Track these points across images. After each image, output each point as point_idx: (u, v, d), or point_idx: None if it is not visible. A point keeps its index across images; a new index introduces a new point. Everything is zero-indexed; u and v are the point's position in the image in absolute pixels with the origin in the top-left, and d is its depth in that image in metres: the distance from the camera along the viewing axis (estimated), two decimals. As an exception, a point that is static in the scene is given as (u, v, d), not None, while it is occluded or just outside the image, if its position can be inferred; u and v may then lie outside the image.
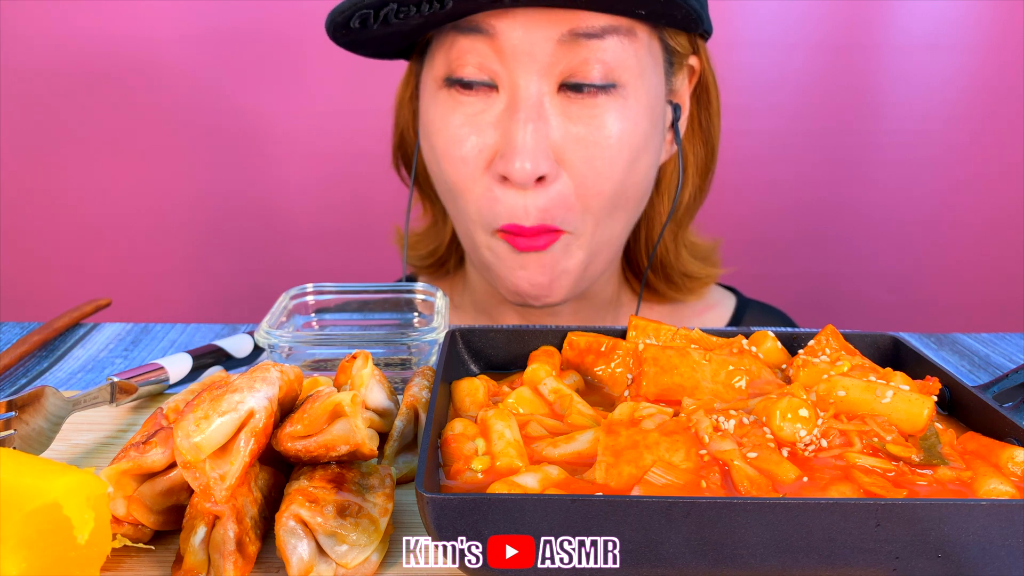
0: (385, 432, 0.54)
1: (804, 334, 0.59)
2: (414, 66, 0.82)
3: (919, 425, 0.46)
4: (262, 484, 0.45)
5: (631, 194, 0.76)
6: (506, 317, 0.89)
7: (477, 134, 0.72)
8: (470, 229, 0.77)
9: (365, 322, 0.73)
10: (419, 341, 0.62)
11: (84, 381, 0.68)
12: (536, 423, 0.48)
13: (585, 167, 0.72)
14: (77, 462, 0.54)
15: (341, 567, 0.42)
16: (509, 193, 0.72)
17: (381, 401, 0.54)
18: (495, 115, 0.72)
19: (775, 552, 0.38)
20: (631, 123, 0.72)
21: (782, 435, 0.44)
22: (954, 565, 0.38)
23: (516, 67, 0.70)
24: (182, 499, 0.44)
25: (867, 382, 0.48)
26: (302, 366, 0.65)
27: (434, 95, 0.75)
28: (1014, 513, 0.38)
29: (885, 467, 0.43)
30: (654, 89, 0.75)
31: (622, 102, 0.72)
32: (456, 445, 0.46)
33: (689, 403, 0.48)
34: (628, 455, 0.42)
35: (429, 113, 0.76)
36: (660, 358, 0.51)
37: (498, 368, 0.59)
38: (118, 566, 0.43)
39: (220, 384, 0.43)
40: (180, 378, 0.63)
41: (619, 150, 0.72)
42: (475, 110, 0.72)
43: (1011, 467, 0.44)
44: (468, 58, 0.71)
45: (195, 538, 0.41)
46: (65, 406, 0.54)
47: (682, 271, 0.88)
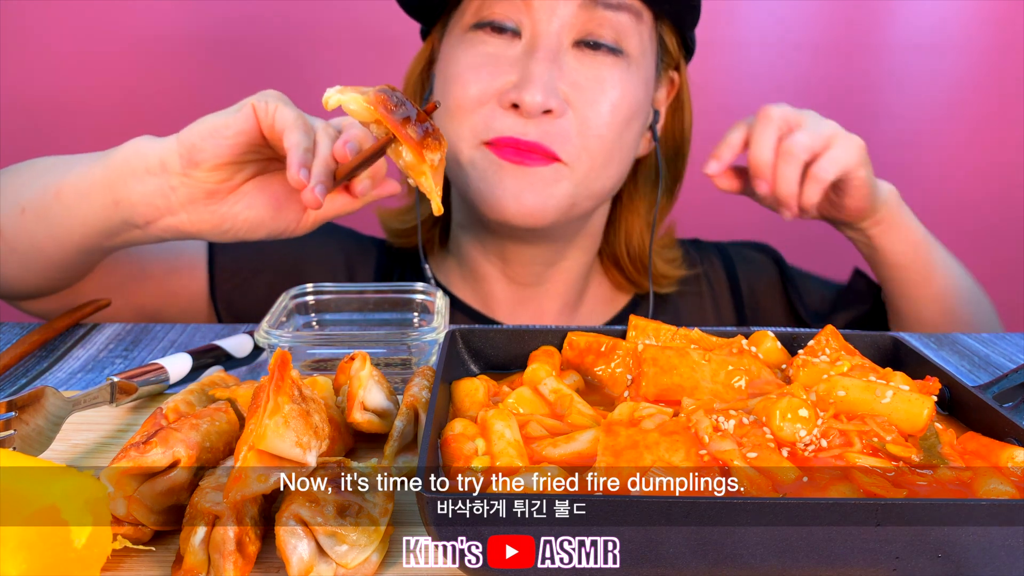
0: (385, 432, 0.54)
1: (804, 334, 0.59)
2: (434, 37, 0.88)
3: (919, 425, 0.46)
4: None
5: (623, 154, 0.83)
6: (493, 283, 0.91)
7: (494, 67, 0.79)
8: (456, 147, 0.81)
9: (365, 322, 0.73)
10: (419, 341, 0.62)
11: (84, 381, 0.68)
12: (536, 423, 0.48)
13: (590, 110, 0.79)
14: (77, 462, 0.54)
15: (341, 567, 0.42)
16: (513, 117, 0.78)
17: (380, 402, 0.54)
18: (515, 56, 0.79)
19: (775, 552, 0.38)
20: (631, 87, 0.81)
21: (782, 435, 0.44)
22: (954, 565, 0.38)
23: (540, 19, 0.78)
24: (182, 499, 0.44)
25: (867, 382, 0.48)
26: (302, 366, 0.65)
27: (460, 38, 0.82)
28: (1014, 513, 0.38)
29: (885, 467, 0.43)
30: (649, 73, 0.84)
31: (625, 67, 0.80)
32: (456, 445, 0.46)
33: (689, 403, 0.48)
34: (628, 455, 0.42)
35: (452, 52, 0.82)
36: (660, 358, 0.51)
37: (498, 368, 0.59)
38: (118, 566, 0.43)
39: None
40: (180, 378, 0.63)
41: (619, 104, 0.80)
42: (497, 50, 0.80)
43: (1011, 467, 0.44)
44: (498, 7, 0.79)
45: (195, 538, 0.41)
46: (65, 406, 0.54)
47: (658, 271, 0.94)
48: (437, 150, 0.60)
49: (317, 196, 0.61)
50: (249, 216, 0.69)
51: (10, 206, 0.73)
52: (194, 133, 0.64)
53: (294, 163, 0.61)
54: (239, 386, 0.55)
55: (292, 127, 0.62)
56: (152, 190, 0.66)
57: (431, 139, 0.60)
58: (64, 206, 0.70)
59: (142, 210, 0.67)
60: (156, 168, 0.65)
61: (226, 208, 0.68)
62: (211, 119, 0.64)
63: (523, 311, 0.92)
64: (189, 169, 0.65)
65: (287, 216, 0.70)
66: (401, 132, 0.59)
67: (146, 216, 0.68)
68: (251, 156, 0.66)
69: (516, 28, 0.79)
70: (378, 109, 0.58)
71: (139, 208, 0.67)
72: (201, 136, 0.64)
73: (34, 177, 0.73)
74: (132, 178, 0.66)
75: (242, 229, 0.70)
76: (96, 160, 0.69)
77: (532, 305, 0.92)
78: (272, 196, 0.69)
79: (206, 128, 0.64)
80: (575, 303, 0.94)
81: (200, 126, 0.64)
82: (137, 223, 0.69)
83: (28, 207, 0.72)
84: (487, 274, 0.91)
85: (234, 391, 0.53)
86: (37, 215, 0.71)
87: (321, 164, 0.63)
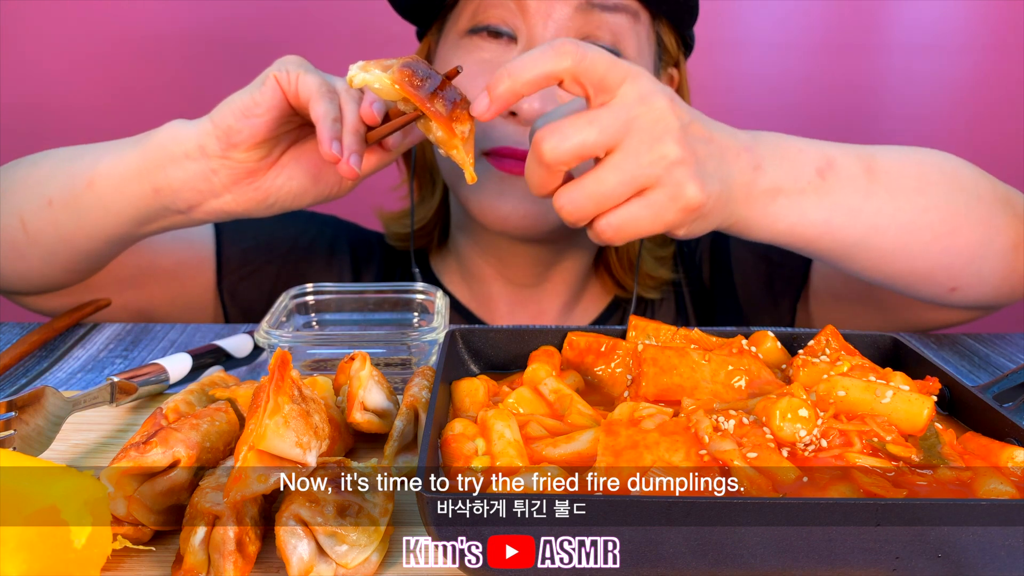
0: (385, 432, 0.54)
1: (804, 334, 0.59)
2: (430, 39, 0.87)
3: (919, 425, 0.46)
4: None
5: None
6: (491, 283, 0.91)
7: (492, 73, 0.76)
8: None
9: (365, 322, 0.73)
10: (419, 341, 0.62)
11: (84, 381, 0.68)
12: (536, 423, 0.48)
13: None
14: (77, 462, 0.54)
15: (341, 567, 0.42)
16: (511, 125, 0.76)
17: (380, 402, 0.54)
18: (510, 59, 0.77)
19: (775, 552, 0.38)
20: None
21: (782, 435, 0.44)
22: (954, 565, 0.38)
23: (535, 24, 0.76)
24: (182, 499, 0.44)
25: (867, 382, 0.48)
26: (302, 366, 0.65)
27: (456, 44, 0.81)
28: (1014, 513, 0.38)
29: (885, 467, 0.43)
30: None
31: None
32: (456, 445, 0.46)
33: (689, 403, 0.48)
34: (628, 455, 0.42)
35: (448, 58, 0.81)
36: (660, 358, 0.51)
37: (498, 368, 0.59)
38: (118, 566, 0.43)
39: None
40: (180, 378, 0.63)
41: None
42: (493, 55, 0.78)
43: (1011, 467, 0.44)
44: (493, 12, 0.78)
45: (195, 538, 0.41)
46: (65, 406, 0.54)
47: (644, 271, 0.92)
48: (467, 121, 0.60)
49: (353, 167, 0.61)
50: (292, 187, 0.69)
51: (35, 198, 0.73)
52: (227, 114, 0.64)
53: (325, 138, 0.61)
54: (239, 386, 0.55)
55: (316, 96, 0.62)
56: (193, 175, 0.66)
57: (459, 110, 0.60)
58: (97, 195, 0.69)
59: (185, 195, 0.68)
60: (195, 153, 0.66)
61: (268, 183, 0.68)
62: (239, 98, 0.64)
63: (522, 311, 0.92)
64: (228, 151, 0.65)
65: (328, 180, 0.70)
66: (430, 110, 0.59)
67: (189, 201, 0.68)
68: (285, 128, 0.67)
69: (512, 33, 0.78)
70: (404, 88, 0.58)
71: (182, 194, 0.67)
72: (235, 116, 0.64)
73: (56, 167, 0.73)
74: (171, 164, 0.67)
75: (286, 200, 0.70)
76: (129, 147, 0.69)
77: (531, 305, 0.92)
78: (310, 164, 0.69)
79: (238, 108, 0.64)
80: (573, 303, 0.94)
81: (231, 106, 0.64)
82: (180, 208, 0.69)
83: (56, 198, 0.71)
84: (485, 275, 0.91)
85: (234, 391, 0.53)
86: (67, 206, 0.71)
87: (351, 133, 0.62)
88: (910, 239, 0.67)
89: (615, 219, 0.57)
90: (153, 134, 0.68)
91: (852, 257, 0.68)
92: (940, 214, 0.67)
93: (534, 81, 0.56)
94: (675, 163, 0.55)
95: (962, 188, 0.69)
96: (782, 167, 0.62)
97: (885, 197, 0.65)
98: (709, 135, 0.59)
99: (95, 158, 0.70)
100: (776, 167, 0.62)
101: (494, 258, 0.90)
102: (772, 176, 0.62)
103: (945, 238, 0.67)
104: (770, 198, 0.62)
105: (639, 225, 0.57)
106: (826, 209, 0.64)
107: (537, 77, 0.56)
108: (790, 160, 0.63)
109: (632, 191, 0.56)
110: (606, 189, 0.56)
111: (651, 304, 0.94)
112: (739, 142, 0.61)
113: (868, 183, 0.65)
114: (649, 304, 0.94)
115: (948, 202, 0.67)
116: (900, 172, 0.67)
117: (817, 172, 0.63)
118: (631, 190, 0.56)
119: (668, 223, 0.58)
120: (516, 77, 0.55)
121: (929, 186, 0.67)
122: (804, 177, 0.63)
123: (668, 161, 0.55)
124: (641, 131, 0.55)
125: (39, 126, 1.35)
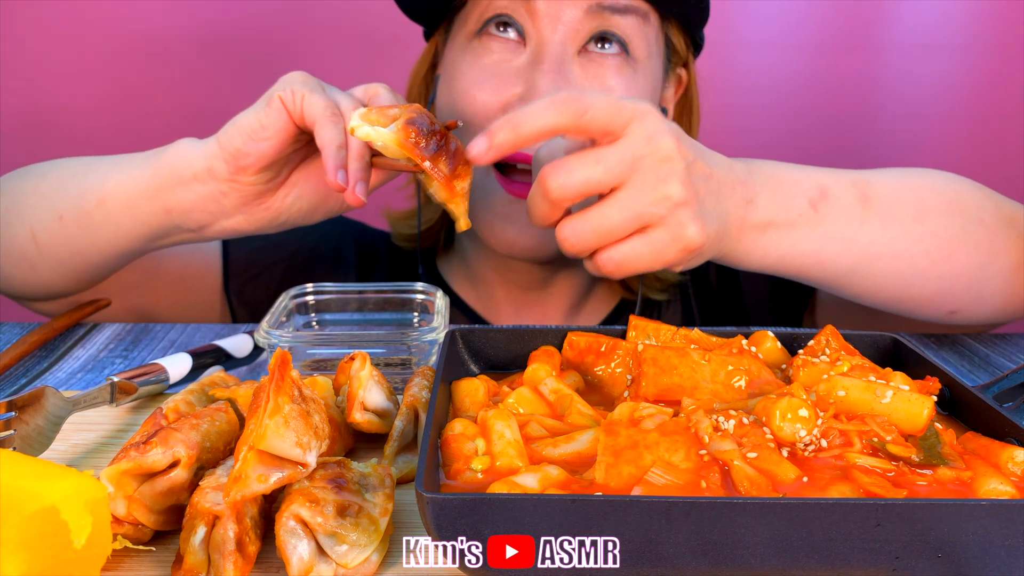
0: (385, 432, 0.54)
1: (804, 334, 0.59)
2: (437, 39, 0.87)
3: (919, 425, 0.46)
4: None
5: None
6: (495, 287, 0.91)
7: (500, 80, 0.77)
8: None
9: (365, 322, 0.73)
10: (419, 341, 0.62)
11: (84, 381, 0.68)
12: (536, 423, 0.48)
13: None
14: (77, 462, 0.54)
15: (341, 567, 0.42)
16: None
17: (380, 402, 0.54)
18: (519, 66, 0.77)
19: (775, 552, 0.38)
20: (638, 91, 0.79)
21: (782, 435, 0.44)
22: (954, 565, 0.38)
23: (545, 27, 0.76)
24: (182, 499, 0.44)
25: (867, 382, 0.48)
26: (302, 366, 0.65)
27: (463, 47, 0.80)
28: (1014, 513, 0.38)
29: (885, 467, 0.43)
30: (656, 74, 0.82)
31: (632, 72, 0.79)
32: (456, 445, 0.46)
33: (689, 403, 0.48)
34: (628, 455, 0.42)
35: (456, 62, 0.81)
36: (660, 358, 0.51)
37: (498, 368, 0.59)
38: (118, 566, 0.43)
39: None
40: (180, 378, 0.63)
41: None
42: (502, 58, 0.78)
43: (1011, 467, 0.44)
44: (502, 15, 0.78)
45: (195, 538, 0.41)
46: (65, 406, 0.54)
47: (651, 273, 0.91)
48: (467, 177, 0.61)
49: (359, 196, 0.61)
50: (301, 206, 0.70)
51: (45, 211, 0.72)
52: (234, 135, 0.64)
53: (330, 167, 0.60)
54: (239, 386, 0.55)
55: (322, 121, 0.61)
56: (203, 196, 0.66)
57: (461, 166, 0.60)
58: (107, 213, 0.69)
59: (196, 216, 0.68)
60: (204, 175, 0.65)
61: (278, 203, 0.69)
62: (245, 119, 0.64)
63: (528, 315, 0.92)
64: (236, 175, 0.65)
65: (336, 198, 0.70)
66: (433, 172, 0.59)
67: (200, 221, 0.68)
68: (292, 147, 0.66)
69: (520, 29, 0.77)
70: (409, 150, 0.58)
71: (193, 215, 0.68)
72: (242, 139, 0.63)
73: (65, 181, 0.73)
74: (181, 186, 0.66)
75: (297, 218, 0.70)
76: (139, 166, 0.69)
77: (537, 309, 0.91)
78: (319, 182, 0.69)
79: (244, 130, 0.63)
80: (579, 307, 0.93)
81: (237, 127, 0.64)
82: (191, 227, 0.69)
83: (66, 214, 0.71)
84: (490, 279, 0.91)
85: (234, 391, 0.53)
86: (77, 222, 0.71)
87: (356, 160, 0.62)
88: (905, 266, 0.67)
89: (616, 254, 0.57)
90: (163, 153, 0.68)
91: (846, 284, 0.68)
92: (937, 240, 0.67)
93: (535, 135, 0.56)
94: (679, 204, 0.56)
95: (961, 212, 0.69)
96: (774, 200, 0.63)
97: (879, 225, 0.66)
98: (709, 172, 0.59)
99: (104, 175, 0.70)
100: (768, 200, 0.63)
101: (499, 264, 0.89)
102: (763, 210, 0.62)
103: (942, 264, 0.67)
104: (760, 231, 0.63)
105: (639, 262, 0.58)
106: (816, 240, 0.64)
107: (538, 131, 0.56)
108: (783, 192, 0.63)
109: (635, 228, 0.57)
110: (610, 225, 0.56)
111: (658, 307, 0.94)
112: (735, 176, 0.62)
113: (863, 212, 0.65)
114: (656, 306, 0.94)
115: (946, 227, 0.68)
116: (896, 199, 0.67)
117: (810, 203, 0.64)
118: (634, 227, 0.57)
119: (667, 261, 0.59)
120: (518, 129, 0.56)
121: (926, 212, 0.67)
122: (795, 209, 0.64)
123: (672, 202, 0.56)
124: (647, 171, 0.56)
125: (38, 131, 1.35)
